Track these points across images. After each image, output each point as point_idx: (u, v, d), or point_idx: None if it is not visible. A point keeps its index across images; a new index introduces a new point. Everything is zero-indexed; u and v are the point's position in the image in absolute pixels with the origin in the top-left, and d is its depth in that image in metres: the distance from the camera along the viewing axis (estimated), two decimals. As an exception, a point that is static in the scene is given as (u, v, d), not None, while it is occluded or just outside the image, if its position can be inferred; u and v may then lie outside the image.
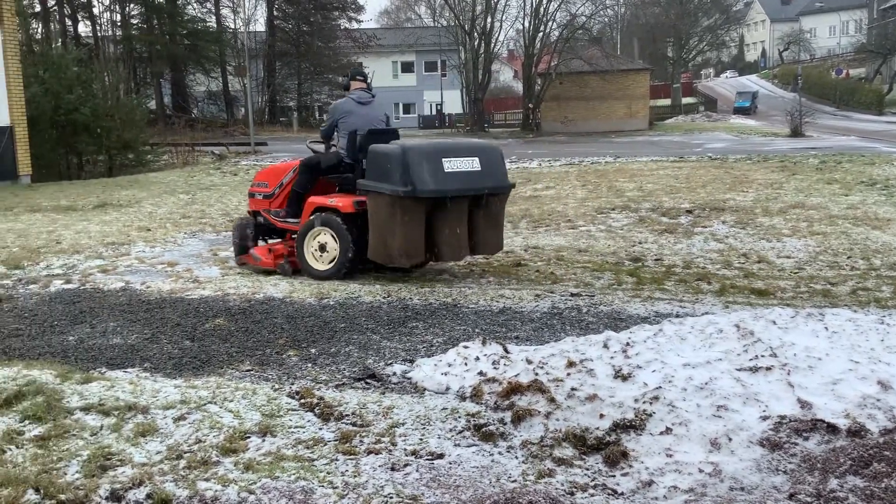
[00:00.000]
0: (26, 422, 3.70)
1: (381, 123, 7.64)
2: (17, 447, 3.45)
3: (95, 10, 48.07)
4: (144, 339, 5.38)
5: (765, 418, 3.40)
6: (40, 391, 4.03)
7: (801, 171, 16.46)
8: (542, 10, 44.69)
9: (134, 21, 47.95)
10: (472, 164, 6.92)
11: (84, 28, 48.27)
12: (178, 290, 6.79)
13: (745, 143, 30.41)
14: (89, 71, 24.16)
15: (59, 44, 26.70)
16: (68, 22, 46.59)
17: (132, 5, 47.54)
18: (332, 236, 7.05)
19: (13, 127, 17.20)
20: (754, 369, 3.78)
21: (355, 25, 56.41)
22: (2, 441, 3.49)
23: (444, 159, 6.79)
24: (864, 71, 63.53)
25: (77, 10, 47.16)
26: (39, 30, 37.95)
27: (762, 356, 3.90)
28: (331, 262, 7.10)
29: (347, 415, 3.84)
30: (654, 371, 3.90)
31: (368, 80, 7.78)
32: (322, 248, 7.13)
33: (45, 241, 9.25)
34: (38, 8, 42.54)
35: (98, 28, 47.61)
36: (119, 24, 47.06)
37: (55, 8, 45.68)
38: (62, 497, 2.98)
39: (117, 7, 47.23)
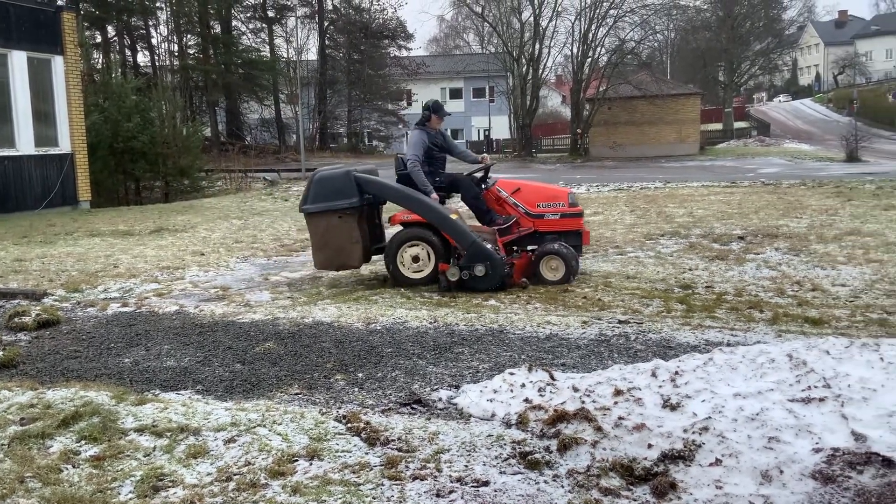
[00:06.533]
0: (82, 442, 3.82)
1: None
2: (74, 466, 3.55)
3: (154, 41, 49.76)
4: (197, 362, 5.50)
5: (817, 451, 3.33)
6: (96, 412, 4.14)
7: (857, 196, 16.10)
8: (590, 35, 44.74)
9: (191, 51, 49.37)
10: None
11: (143, 58, 49.96)
12: (230, 314, 6.92)
13: (800, 167, 29.89)
14: (147, 99, 24.88)
15: (119, 73, 27.43)
16: (128, 52, 48.17)
17: (189, 36, 49.02)
18: None
19: (74, 154, 17.78)
20: (807, 400, 3.71)
21: (405, 53, 57.20)
22: (59, 460, 3.59)
23: None
24: (922, 94, 62.05)
25: (136, 41, 48.80)
26: (100, 60, 39.28)
27: (815, 387, 3.82)
28: None
29: (393, 440, 3.86)
30: (703, 401, 3.85)
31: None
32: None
33: (103, 265, 9.51)
34: (98, 39, 44.13)
35: (156, 58, 49.23)
36: (176, 54, 48.50)
37: (115, 39, 47.31)
38: (116, 516, 3.06)
39: (175, 38, 48.72)
